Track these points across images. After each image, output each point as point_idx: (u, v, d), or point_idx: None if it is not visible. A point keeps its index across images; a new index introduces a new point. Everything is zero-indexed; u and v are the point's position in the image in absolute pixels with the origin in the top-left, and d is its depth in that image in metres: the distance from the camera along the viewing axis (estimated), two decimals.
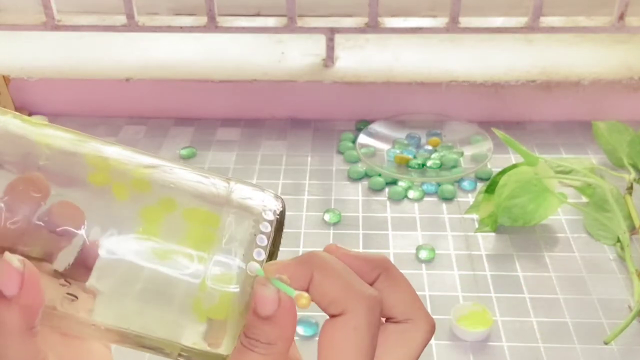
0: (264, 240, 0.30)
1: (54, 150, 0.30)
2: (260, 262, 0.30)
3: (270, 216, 0.31)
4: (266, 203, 0.31)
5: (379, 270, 0.31)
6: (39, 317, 0.28)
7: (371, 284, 0.31)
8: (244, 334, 0.29)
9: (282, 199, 0.32)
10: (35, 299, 0.28)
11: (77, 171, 0.30)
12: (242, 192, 0.31)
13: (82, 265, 0.29)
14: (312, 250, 0.31)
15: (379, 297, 0.29)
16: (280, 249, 0.84)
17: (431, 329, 0.31)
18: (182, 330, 0.30)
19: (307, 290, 0.29)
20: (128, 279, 0.29)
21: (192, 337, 0.30)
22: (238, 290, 0.29)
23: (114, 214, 0.29)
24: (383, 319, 0.31)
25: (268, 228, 0.30)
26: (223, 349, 0.30)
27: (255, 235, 0.30)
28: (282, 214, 0.31)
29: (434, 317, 0.73)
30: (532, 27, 0.98)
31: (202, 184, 0.31)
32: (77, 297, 0.29)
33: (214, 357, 0.30)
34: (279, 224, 0.31)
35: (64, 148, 0.30)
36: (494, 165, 0.91)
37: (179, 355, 0.31)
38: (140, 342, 0.30)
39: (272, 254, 0.31)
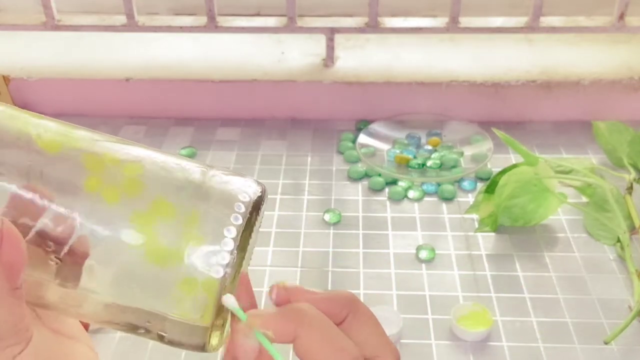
0: (238, 219, 0.31)
1: (50, 152, 0.31)
2: (233, 239, 0.30)
3: (247, 198, 0.32)
4: (245, 188, 0.32)
5: (347, 310, 0.32)
6: (22, 278, 0.28)
7: (340, 323, 0.32)
8: None
9: (263, 185, 0.33)
10: (16, 256, 0.28)
11: (73, 176, 0.31)
12: (222, 178, 0.32)
13: (74, 248, 0.30)
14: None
15: (361, 356, 0.30)
16: (281, 248, 0.84)
17: (396, 358, 0.33)
18: (166, 304, 0.30)
19: (292, 343, 0.30)
20: (116, 260, 0.30)
21: (175, 309, 0.30)
22: (220, 275, 0.30)
23: (105, 214, 0.30)
24: None
25: (242, 208, 0.31)
26: (204, 321, 0.31)
27: (228, 215, 0.31)
28: (260, 197, 0.32)
29: (433, 317, 0.73)
30: (532, 27, 0.98)
31: (182, 171, 0.33)
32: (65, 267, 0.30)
33: (196, 332, 0.31)
34: (256, 206, 0.32)
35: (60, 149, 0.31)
36: (494, 165, 0.91)
37: (161, 333, 0.31)
38: (124, 318, 0.31)
39: (246, 238, 0.31)
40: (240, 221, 0.31)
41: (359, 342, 0.32)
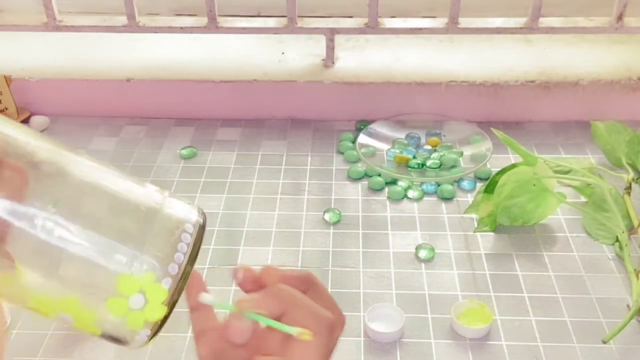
0: (184, 248, 0.34)
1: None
2: (179, 265, 0.34)
3: (191, 228, 0.35)
4: (190, 216, 0.35)
5: (307, 285, 0.38)
6: None
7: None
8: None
9: (204, 214, 0.36)
10: None
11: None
12: (171, 204, 0.35)
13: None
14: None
15: (334, 318, 0.36)
16: (281, 248, 0.84)
17: (343, 324, 0.38)
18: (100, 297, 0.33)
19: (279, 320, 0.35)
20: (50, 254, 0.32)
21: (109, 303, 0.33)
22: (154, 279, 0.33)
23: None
24: None
25: (188, 239, 0.35)
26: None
27: (177, 243, 0.34)
28: (202, 226, 0.36)
29: (433, 315, 0.73)
30: (531, 28, 0.99)
31: (138, 195, 0.34)
32: None
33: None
34: (199, 235, 0.35)
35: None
36: (493, 165, 0.92)
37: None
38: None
39: (192, 259, 0.35)
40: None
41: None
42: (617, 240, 0.79)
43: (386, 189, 0.90)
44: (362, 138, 0.97)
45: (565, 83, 1.00)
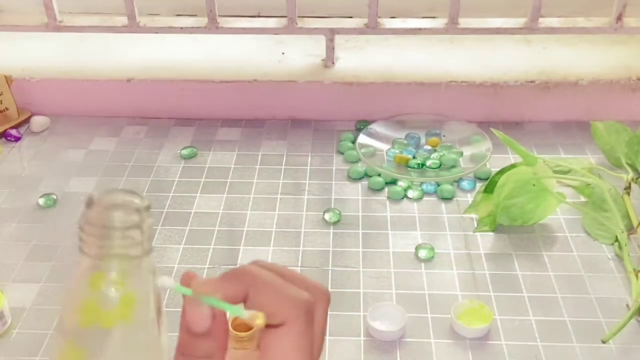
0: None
1: None
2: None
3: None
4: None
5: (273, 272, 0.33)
6: None
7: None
8: (179, 353, 0.30)
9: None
10: None
11: None
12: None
13: None
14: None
15: (312, 299, 0.31)
16: (282, 248, 0.84)
17: (327, 299, 0.33)
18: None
19: (244, 305, 0.30)
20: None
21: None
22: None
23: None
24: None
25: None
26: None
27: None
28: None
29: (433, 315, 0.73)
30: (531, 28, 0.99)
31: None
32: None
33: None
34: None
35: None
36: (493, 165, 0.92)
37: None
38: None
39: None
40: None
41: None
42: (617, 240, 0.79)
43: (386, 189, 0.90)
44: (362, 138, 0.97)
45: (565, 83, 1.00)
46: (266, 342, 0.30)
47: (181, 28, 1.03)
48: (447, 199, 0.88)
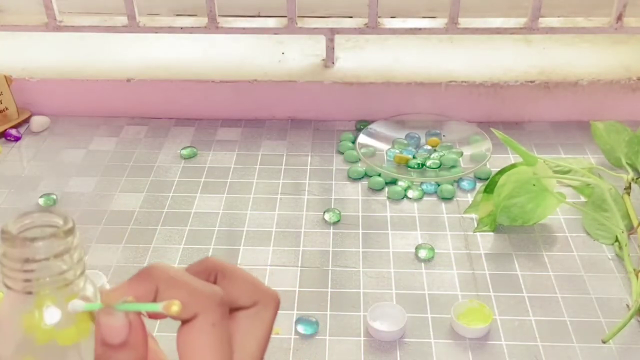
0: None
1: None
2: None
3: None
4: None
5: (214, 273, 0.32)
6: None
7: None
8: None
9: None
10: None
11: None
12: None
13: None
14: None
15: (222, 292, 0.31)
16: (281, 248, 0.84)
17: (276, 303, 0.33)
18: None
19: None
20: None
21: None
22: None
23: None
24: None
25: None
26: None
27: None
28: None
29: (433, 315, 0.73)
30: (531, 28, 0.99)
31: None
32: None
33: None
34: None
35: None
36: (493, 165, 0.92)
37: None
38: None
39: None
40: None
41: (235, 297, 0.32)
42: (617, 240, 0.79)
43: (386, 189, 0.90)
44: (362, 138, 0.97)
45: (565, 83, 1.00)
46: (181, 338, 0.30)
47: (181, 28, 1.03)
48: (447, 199, 0.88)
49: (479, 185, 0.89)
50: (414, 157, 0.94)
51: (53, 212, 0.30)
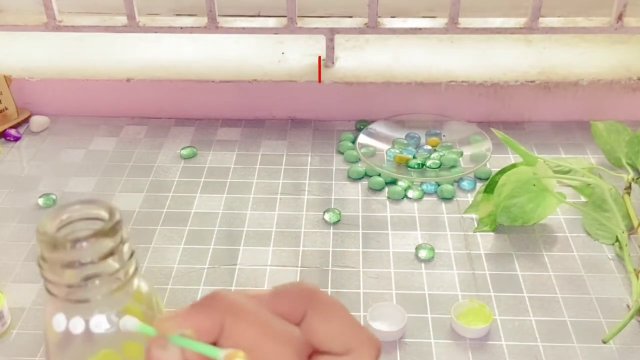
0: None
1: None
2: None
3: None
4: None
5: (303, 307, 0.26)
6: None
7: (300, 322, 0.26)
8: None
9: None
10: None
11: None
12: None
13: None
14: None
15: (302, 337, 0.26)
16: (281, 248, 0.84)
17: (377, 353, 0.27)
18: None
19: (216, 341, 0.25)
20: None
21: None
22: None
23: None
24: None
25: None
26: None
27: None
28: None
29: (433, 315, 0.73)
30: (531, 28, 0.99)
31: None
32: None
33: None
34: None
35: None
36: (493, 165, 0.92)
37: None
38: None
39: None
40: None
41: (325, 339, 0.26)
42: (617, 240, 0.79)
43: (386, 189, 0.90)
44: (362, 138, 0.97)
45: (565, 83, 1.00)
46: None
47: (181, 28, 1.03)
48: (447, 199, 0.88)
49: (479, 185, 0.89)
50: (414, 157, 0.94)
51: (94, 203, 0.26)
